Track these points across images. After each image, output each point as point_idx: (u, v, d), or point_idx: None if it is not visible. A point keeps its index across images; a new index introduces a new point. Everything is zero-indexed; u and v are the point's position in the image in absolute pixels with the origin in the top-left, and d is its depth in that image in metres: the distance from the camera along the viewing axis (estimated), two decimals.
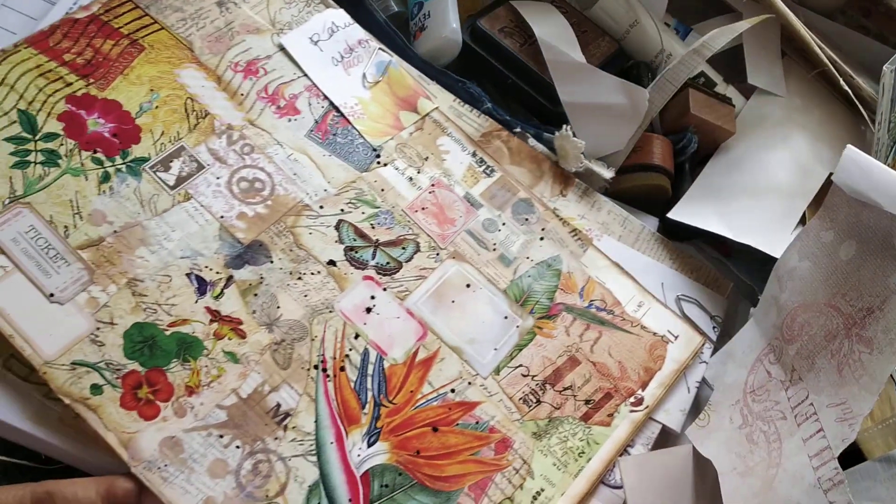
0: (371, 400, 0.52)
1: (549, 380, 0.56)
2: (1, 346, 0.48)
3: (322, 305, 0.54)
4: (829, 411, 0.48)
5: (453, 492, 0.51)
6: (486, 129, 0.65)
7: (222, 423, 0.49)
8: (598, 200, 0.65)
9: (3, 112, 0.53)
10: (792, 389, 0.52)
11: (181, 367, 0.50)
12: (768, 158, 0.68)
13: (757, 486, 0.50)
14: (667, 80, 0.65)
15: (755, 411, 0.54)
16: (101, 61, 0.57)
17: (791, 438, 0.50)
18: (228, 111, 0.58)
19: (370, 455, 0.50)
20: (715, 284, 0.64)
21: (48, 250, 0.50)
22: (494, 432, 0.53)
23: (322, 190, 0.58)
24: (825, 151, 0.69)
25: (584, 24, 0.73)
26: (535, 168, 0.64)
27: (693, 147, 0.68)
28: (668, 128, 0.70)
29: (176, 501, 0.46)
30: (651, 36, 0.73)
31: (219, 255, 0.53)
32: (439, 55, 0.68)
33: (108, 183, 0.53)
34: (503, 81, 0.70)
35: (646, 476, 0.53)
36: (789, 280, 0.56)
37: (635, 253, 0.63)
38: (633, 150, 0.67)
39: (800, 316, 0.55)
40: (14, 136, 0.52)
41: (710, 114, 0.68)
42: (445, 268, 0.58)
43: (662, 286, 0.62)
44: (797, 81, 0.75)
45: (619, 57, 0.73)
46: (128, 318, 0.50)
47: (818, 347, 0.52)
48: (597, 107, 0.65)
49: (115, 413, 0.47)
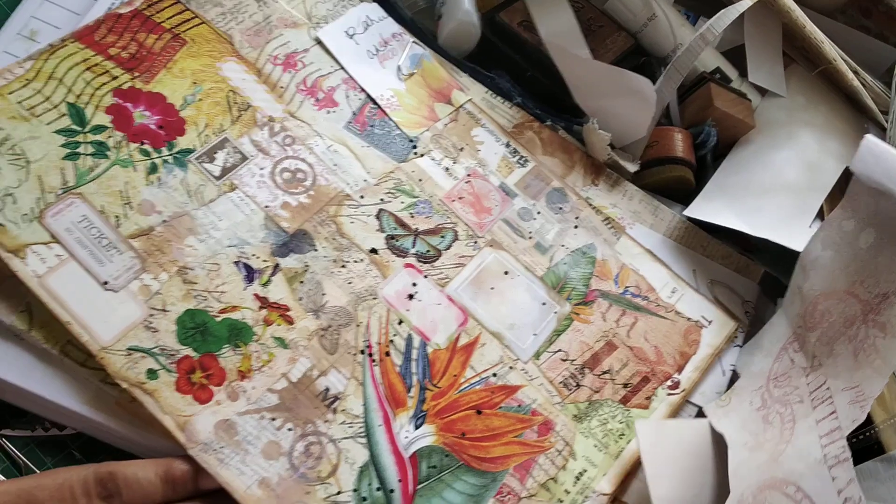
0: (416, 384, 0.53)
1: (587, 364, 0.57)
2: (57, 332, 0.49)
3: (366, 292, 0.55)
4: (844, 394, 0.49)
5: (499, 472, 0.52)
6: (519, 120, 0.66)
7: (274, 407, 0.50)
8: (629, 189, 0.66)
9: (53, 105, 0.54)
10: (812, 375, 0.53)
11: (232, 352, 0.51)
12: (775, 158, 0.69)
13: (763, 459, 0.50)
14: (675, 68, 0.66)
15: (775, 396, 0.55)
16: (145, 55, 0.58)
17: (805, 420, 0.51)
18: (269, 103, 0.59)
19: (417, 437, 0.51)
20: (746, 270, 0.65)
21: (101, 239, 0.51)
22: (536, 415, 0.54)
23: (362, 180, 0.59)
24: (834, 146, 0.70)
25: (600, 19, 0.73)
26: (567, 158, 0.66)
27: (713, 140, 0.68)
28: (690, 122, 0.71)
29: (232, 482, 0.47)
30: (668, 30, 0.73)
31: (265, 244, 0.54)
32: (458, 41, 0.68)
33: (156, 174, 0.54)
34: (522, 75, 0.71)
35: (661, 441, 0.54)
36: (812, 269, 0.57)
37: (666, 240, 0.64)
38: (653, 144, 0.68)
39: (821, 304, 0.56)
40: (64, 129, 0.53)
41: (731, 107, 0.69)
42: (483, 256, 0.59)
43: (694, 273, 0.63)
44: (798, 81, 0.75)
45: (635, 52, 0.74)
46: (179, 305, 0.51)
47: (837, 334, 0.53)
48: (608, 99, 0.66)
49: (170, 397, 0.48)
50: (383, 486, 0.50)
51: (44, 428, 0.52)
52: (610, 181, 0.66)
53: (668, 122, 0.71)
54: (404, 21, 0.68)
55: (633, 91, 0.64)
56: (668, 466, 0.53)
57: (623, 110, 0.65)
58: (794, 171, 0.67)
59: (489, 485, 0.51)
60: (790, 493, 0.47)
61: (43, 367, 0.49)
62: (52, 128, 0.53)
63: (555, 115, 0.67)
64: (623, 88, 0.65)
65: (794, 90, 0.74)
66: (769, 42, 0.75)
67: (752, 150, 0.70)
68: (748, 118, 0.70)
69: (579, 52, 0.65)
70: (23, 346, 0.50)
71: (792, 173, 0.67)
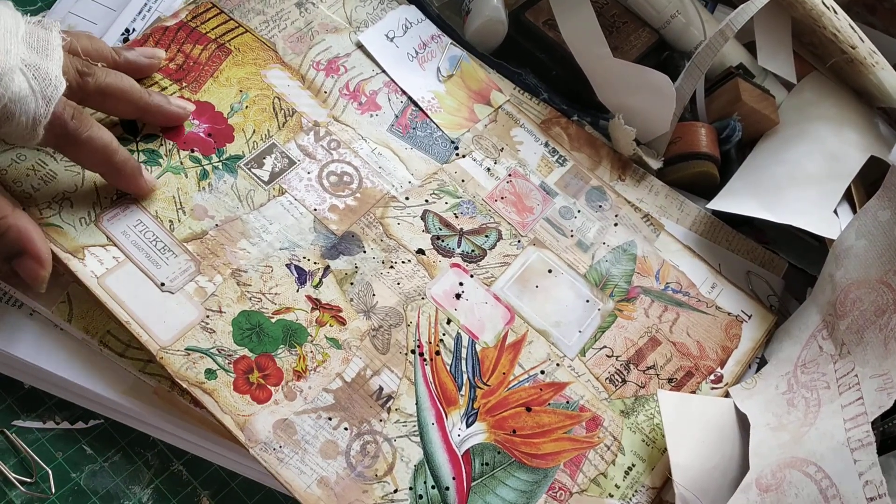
0: (466, 382, 0.54)
1: (632, 360, 0.58)
2: (97, 323, 0.50)
3: (415, 292, 0.56)
4: (871, 381, 0.50)
5: (550, 468, 0.53)
6: (546, 116, 0.67)
7: (330, 406, 0.51)
8: (655, 184, 0.67)
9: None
10: (840, 362, 0.54)
11: (288, 352, 0.52)
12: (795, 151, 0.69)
13: (785, 439, 0.51)
14: (695, 64, 0.66)
15: (801, 381, 0.55)
16: (192, 65, 0.59)
17: (830, 404, 0.51)
18: (314, 108, 0.60)
19: (469, 435, 0.52)
20: (770, 265, 0.66)
21: (156, 242, 0.52)
22: (584, 411, 0.55)
23: (406, 182, 0.60)
24: (853, 136, 0.70)
25: (624, 15, 0.74)
26: (594, 153, 0.67)
27: (738, 135, 0.69)
28: (716, 116, 0.72)
29: (293, 482, 0.48)
30: (692, 25, 0.74)
31: (315, 247, 0.55)
32: (485, 37, 0.69)
33: (207, 180, 0.55)
34: (548, 73, 0.71)
35: (683, 412, 0.55)
36: (845, 258, 0.58)
37: (691, 234, 0.65)
38: (677, 140, 0.68)
39: (853, 292, 0.56)
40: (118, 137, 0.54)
41: (757, 103, 0.70)
42: (527, 254, 0.60)
43: (720, 267, 0.64)
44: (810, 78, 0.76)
45: (659, 48, 0.74)
46: (235, 306, 0.52)
47: (868, 322, 0.54)
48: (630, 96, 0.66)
49: (229, 397, 0.49)
50: (438, 483, 0.50)
51: (55, 421, 0.53)
52: (636, 176, 0.67)
53: (694, 117, 0.71)
54: (430, 15, 0.68)
55: (654, 87, 0.65)
56: (689, 438, 0.54)
57: (645, 106, 0.66)
58: (814, 163, 0.68)
59: (541, 481, 0.52)
60: (810, 472, 0.48)
61: (82, 358, 0.50)
62: None
63: (581, 111, 0.68)
64: (643, 85, 0.66)
65: (803, 87, 0.75)
66: (779, 29, 0.75)
67: (775, 144, 0.70)
68: (773, 114, 0.71)
69: (599, 49, 0.66)
70: (62, 335, 0.51)
71: (813, 165, 0.67)
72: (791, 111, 0.73)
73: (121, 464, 0.52)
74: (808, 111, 0.72)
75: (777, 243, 0.68)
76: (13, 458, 0.51)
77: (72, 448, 0.52)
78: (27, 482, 0.50)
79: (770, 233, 0.68)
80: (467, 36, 0.69)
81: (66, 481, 0.51)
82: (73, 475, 0.51)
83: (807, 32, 0.75)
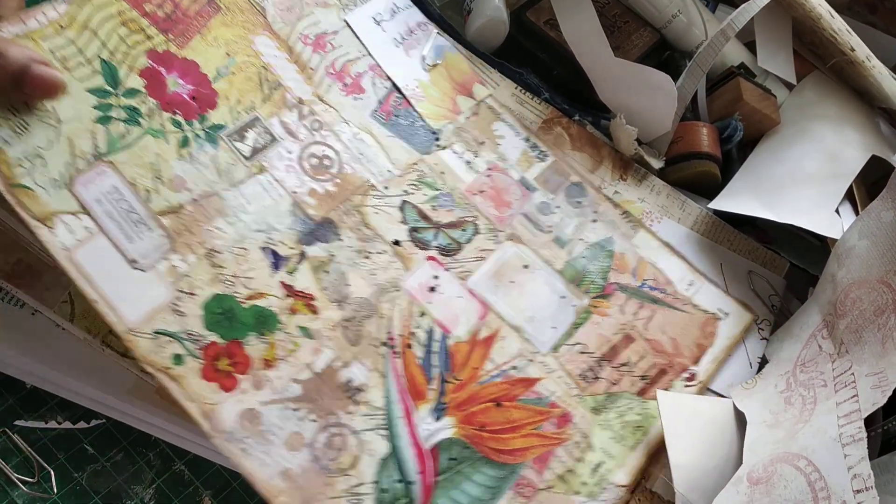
0: (437, 376, 0.54)
1: (605, 356, 0.58)
2: (99, 323, 0.49)
3: (389, 284, 0.55)
4: (867, 379, 0.50)
5: (517, 464, 0.53)
6: (547, 115, 0.66)
7: (298, 397, 0.50)
8: (657, 184, 0.67)
9: (86, 60, 0.52)
10: (838, 361, 0.54)
11: (258, 340, 0.51)
12: (796, 151, 0.69)
13: (780, 435, 0.52)
14: (696, 64, 0.67)
15: (800, 380, 0.56)
16: (180, 17, 0.56)
17: (826, 402, 0.52)
18: (299, 85, 0.59)
19: (438, 429, 0.52)
20: (772, 264, 0.66)
21: (130, 214, 0.50)
22: (555, 407, 0.55)
23: (386, 171, 0.59)
24: (853, 134, 0.70)
25: (625, 14, 0.74)
26: (595, 153, 0.66)
27: (739, 135, 0.69)
28: (717, 116, 0.72)
29: (255, 473, 0.47)
30: (694, 24, 0.74)
31: (292, 231, 0.55)
32: (487, 37, 0.69)
33: (188, 148, 0.54)
34: (549, 73, 0.71)
35: (682, 412, 0.55)
36: (847, 258, 0.58)
37: (693, 234, 0.66)
38: (678, 140, 0.68)
39: (853, 292, 0.57)
40: (97, 88, 0.52)
41: (758, 103, 0.70)
42: (504, 249, 0.59)
43: (721, 266, 0.64)
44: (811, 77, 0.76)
45: (660, 47, 0.74)
46: (207, 289, 0.51)
47: (867, 322, 0.54)
48: (631, 95, 0.66)
49: (196, 384, 0.48)
50: (403, 477, 0.50)
51: (57, 420, 0.52)
52: (638, 176, 0.67)
53: (695, 116, 0.71)
54: (431, 15, 0.68)
55: (655, 87, 0.65)
56: (688, 438, 0.54)
57: (646, 106, 0.65)
58: (816, 162, 0.68)
59: (508, 476, 0.52)
60: (801, 466, 0.48)
61: (84, 358, 0.49)
62: (85, 85, 0.52)
63: (583, 111, 0.68)
64: (644, 84, 0.65)
65: (804, 87, 0.75)
66: (779, 29, 0.75)
67: (776, 144, 0.71)
68: (774, 114, 0.71)
69: (601, 49, 0.65)
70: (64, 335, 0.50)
71: (814, 165, 0.68)
72: (792, 111, 0.73)
73: (123, 463, 0.52)
74: (809, 111, 0.72)
75: (778, 243, 0.69)
76: (15, 458, 0.51)
77: (74, 448, 0.52)
78: (29, 482, 0.50)
79: (771, 232, 0.69)
80: (469, 35, 0.69)
81: (69, 481, 0.51)
82: (76, 475, 0.51)
83: (807, 32, 0.75)
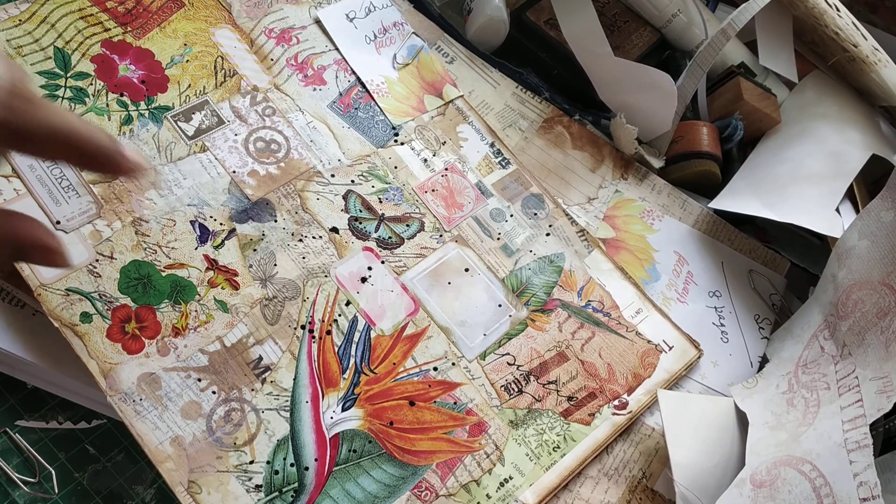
0: (352, 366, 0.52)
1: (534, 371, 0.56)
2: None
3: (318, 269, 0.55)
4: (871, 384, 0.49)
5: (420, 466, 0.51)
6: (548, 115, 0.66)
7: (203, 368, 0.50)
8: (658, 183, 0.66)
9: (40, 47, 0.55)
10: (841, 364, 0.53)
11: (171, 308, 0.51)
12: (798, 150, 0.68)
13: (783, 438, 0.51)
14: (697, 64, 0.66)
15: (802, 381, 0.55)
16: (142, 12, 0.59)
17: (829, 406, 0.51)
18: (256, 73, 0.60)
19: (343, 419, 0.51)
20: (773, 263, 0.65)
21: (61, 180, 0.52)
22: (471, 415, 0.53)
23: (336, 159, 0.59)
24: (853, 133, 0.69)
25: (625, 14, 0.74)
26: (596, 152, 0.66)
27: (739, 134, 0.69)
28: (717, 115, 0.71)
29: (145, 435, 0.47)
30: (694, 24, 0.73)
31: (225, 208, 0.55)
32: (487, 37, 0.69)
33: (130, 125, 0.55)
34: (549, 72, 0.71)
35: (682, 411, 0.54)
36: (848, 258, 0.57)
37: (694, 232, 0.65)
38: (679, 139, 0.68)
39: (854, 293, 0.56)
40: (47, 71, 0.54)
41: (759, 102, 0.69)
42: (447, 250, 0.58)
43: (722, 265, 0.64)
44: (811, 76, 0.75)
45: (660, 47, 0.74)
46: (128, 254, 0.51)
47: (869, 324, 0.53)
48: (631, 95, 0.66)
49: (100, 343, 0.49)
50: (298, 462, 0.49)
51: (58, 421, 0.52)
52: (639, 175, 0.66)
53: (696, 116, 0.71)
54: (432, 16, 0.68)
55: (655, 86, 0.64)
56: (688, 436, 0.53)
57: (646, 105, 0.65)
58: (816, 161, 0.67)
59: (408, 477, 0.50)
60: (805, 470, 0.47)
61: None
62: (36, 69, 0.54)
63: (583, 110, 0.68)
64: (644, 84, 0.65)
65: (805, 86, 0.74)
66: (781, 28, 0.74)
67: (777, 143, 0.70)
68: (774, 113, 0.70)
69: (601, 49, 0.65)
70: None
71: (815, 164, 0.66)
72: (792, 110, 0.72)
73: (123, 464, 0.52)
74: (809, 110, 0.72)
75: (779, 242, 0.68)
76: (16, 458, 0.51)
77: (74, 448, 0.52)
78: (30, 482, 0.50)
79: (772, 231, 0.68)
80: (469, 35, 0.69)
81: (69, 481, 0.51)
82: (76, 475, 0.51)
83: (808, 31, 0.74)
